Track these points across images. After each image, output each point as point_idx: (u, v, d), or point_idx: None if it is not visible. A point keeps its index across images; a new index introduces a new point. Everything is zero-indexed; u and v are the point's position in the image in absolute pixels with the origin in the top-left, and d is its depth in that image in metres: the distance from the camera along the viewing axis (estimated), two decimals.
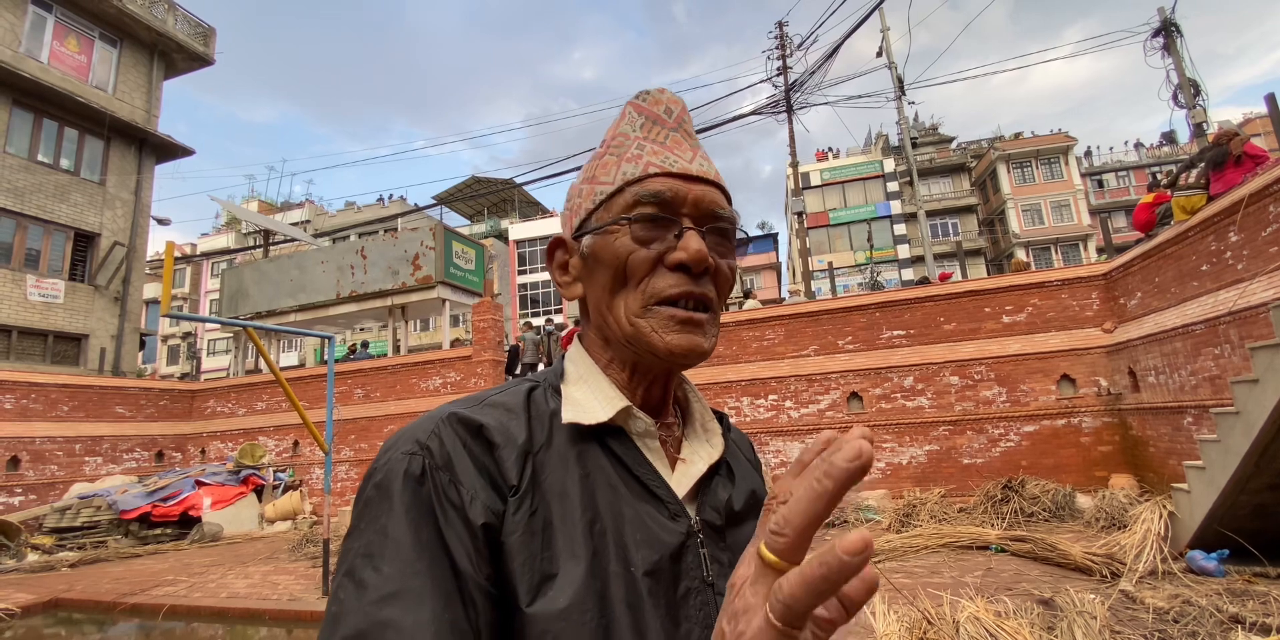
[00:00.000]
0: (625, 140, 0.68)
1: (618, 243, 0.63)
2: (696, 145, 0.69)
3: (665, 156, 0.65)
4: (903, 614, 4.30)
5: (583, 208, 0.68)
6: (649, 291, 0.62)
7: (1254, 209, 6.42)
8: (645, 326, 0.62)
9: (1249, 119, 30.79)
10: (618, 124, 0.70)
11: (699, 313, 0.63)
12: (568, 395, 0.65)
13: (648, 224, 0.63)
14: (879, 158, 35.72)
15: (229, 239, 42.17)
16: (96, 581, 7.97)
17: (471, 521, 0.53)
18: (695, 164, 0.66)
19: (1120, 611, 4.40)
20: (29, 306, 13.95)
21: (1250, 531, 5.38)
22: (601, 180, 0.67)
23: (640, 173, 0.64)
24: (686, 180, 0.64)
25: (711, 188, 0.66)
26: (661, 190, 0.63)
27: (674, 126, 0.68)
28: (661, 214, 0.63)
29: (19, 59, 13.94)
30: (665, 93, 0.70)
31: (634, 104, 0.70)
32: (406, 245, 14.41)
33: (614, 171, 0.66)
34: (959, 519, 7.94)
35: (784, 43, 18.72)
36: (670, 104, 0.70)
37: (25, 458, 11.85)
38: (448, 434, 0.57)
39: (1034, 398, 9.54)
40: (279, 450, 13.76)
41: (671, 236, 0.63)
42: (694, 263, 0.61)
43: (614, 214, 0.64)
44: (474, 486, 0.55)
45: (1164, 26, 12.64)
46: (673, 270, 0.62)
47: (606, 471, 0.60)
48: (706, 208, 0.65)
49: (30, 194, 14.20)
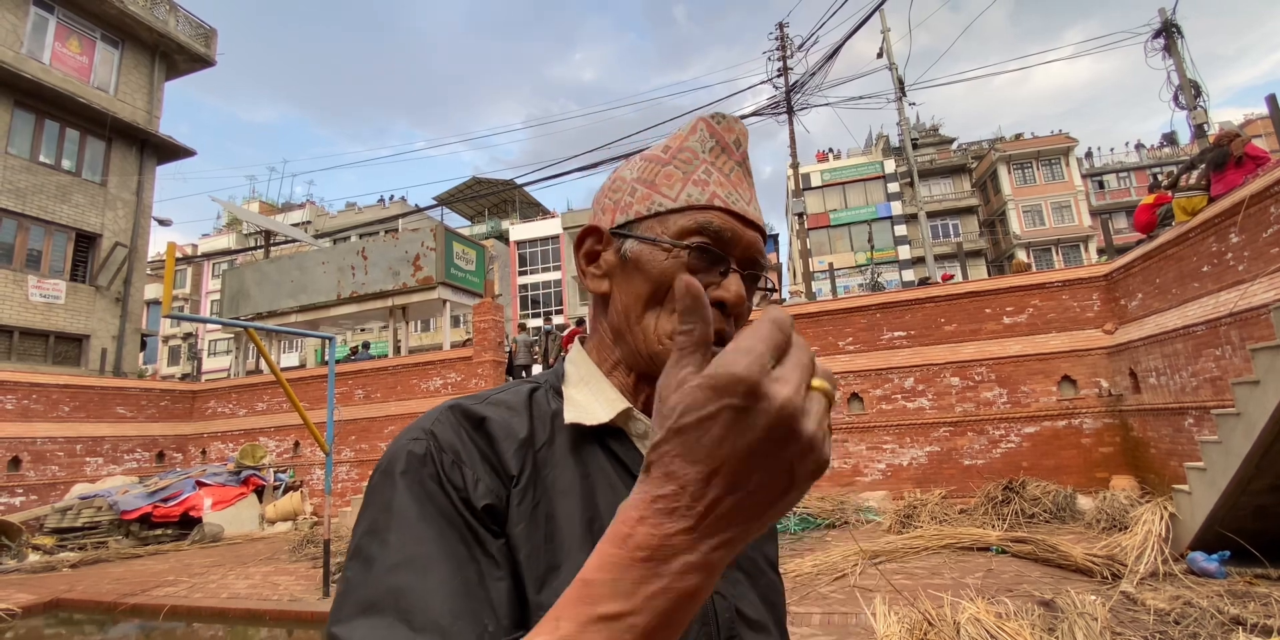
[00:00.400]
0: (693, 158, 0.67)
1: (668, 262, 0.64)
2: (753, 185, 0.71)
3: (730, 192, 0.66)
4: (903, 615, 4.30)
5: (634, 208, 0.67)
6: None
7: (1255, 210, 6.42)
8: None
9: (1250, 120, 30.79)
10: (686, 136, 0.69)
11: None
12: (569, 396, 0.65)
13: (704, 256, 0.64)
14: (879, 159, 35.72)
15: (230, 240, 42.20)
16: (97, 582, 7.98)
17: (474, 503, 0.54)
18: (753, 208, 0.68)
19: (1121, 613, 4.40)
20: (30, 307, 13.96)
21: (1251, 533, 5.37)
22: (663, 190, 0.67)
23: (706, 201, 0.65)
24: (743, 222, 0.66)
25: (759, 235, 0.68)
26: (723, 228, 0.65)
27: (740, 160, 0.69)
28: (716, 250, 0.65)
29: (21, 60, 13.97)
30: (739, 123, 0.71)
31: (708, 123, 0.70)
32: (407, 246, 14.41)
33: (678, 187, 0.66)
34: (960, 520, 7.93)
35: (784, 44, 18.73)
36: (740, 136, 0.70)
37: (26, 458, 11.86)
38: (451, 422, 0.59)
39: (1035, 399, 9.53)
40: (280, 451, 13.76)
41: (717, 272, 0.64)
42: (733, 305, 0.63)
43: (670, 231, 0.65)
44: (477, 469, 0.56)
45: (1165, 27, 12.64)
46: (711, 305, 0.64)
47: (606, 472, 0.61)
48: (752, 254, 0.67)
49: (32, 195, 14.22)
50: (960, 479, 9.58)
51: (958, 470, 9.68)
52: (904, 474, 9.94)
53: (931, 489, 9.48)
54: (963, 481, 9.52)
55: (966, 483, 9.44)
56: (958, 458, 9.73)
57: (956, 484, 9.54)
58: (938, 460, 9.83)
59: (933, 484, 9.64)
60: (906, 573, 6.02)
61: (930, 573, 5.96)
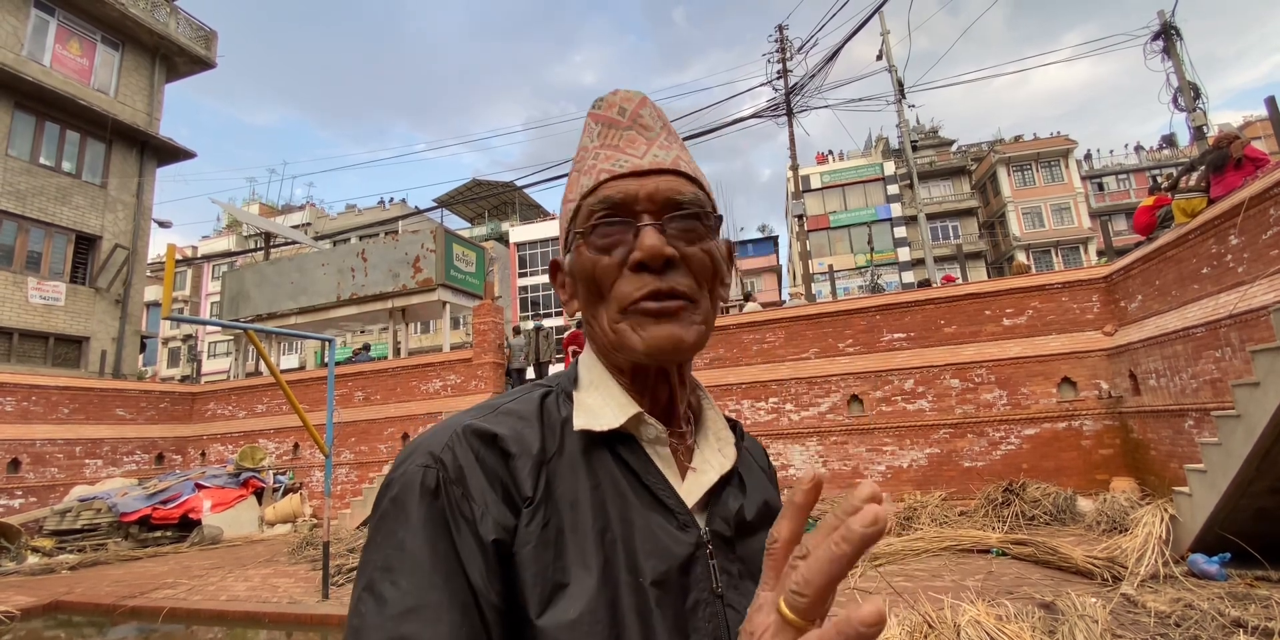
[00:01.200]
0: (585, 153, 0.68)
1: (583, 257, 0.63)
2: (654, 136, 0.67)
3: (616, 159, 0.64)
4: (904, 618, 4.29)
5: (563, 227, 0.69)
6: (619, 297, 0.62)
7: (1254, 212, 6.42)
8: (624, 329, 0.62)
9: (1249, 122, 30.83)
10: (582, 140, 0.70)
11: (670, 301, 0.61)
12: (580, 401, 0.65)
13: (603, 231, 0.62)
14: (879, 160, 35.75)
15: (230, 242, 42.21)
16: (96, 584, 7.97)
17: (482, 537, 0.54)
18: (648, 157, 0.64)
19: (1121, 615, 4.39)
20: (30, 309, 13.96)
21: (1252, 535, 5.36)
22: (569, 199, 0.68)
23: (593, 183, 0.64)
24: (638, 177, 0.63)
25: (669, 176, 0.64)
26: (611, 195, 0.62)
27: (628, 125, 0.67)
28: (613, 217, 0.62)
29: (21, 62, 13.98)
30: (619, 93, 0.69)
31: (591, 114, 0.70)
32: (407, 248, 14.42)
33: (575, 188, 0.67)
34: (960, 522, 7.93)
35: (784, 46, 18.76)
36: (624, 103, 0.68)
37: (26, 460, 11.85)
38: (461, 447, 0.57)
39: (1035, 400, 9.53)
40: (279, 453, 13.75)
41: (630, 238, 0.62)
42: (650, 259, 0.60)
43: (578, 230, 0.65)
44: (485, 501, 0.55)
45: (1164, 29, 12.65)
46: (636, 272, 0.61)
47: (617, 480, 0.60)
48: (663, 198, 0.63)
49: (32, 196, 14.22)
50: (960, 481, 9.57)
51: (958, 472, 9.67)
52: (904, 476, 9.93)
53: (931, 491, 9.48)
54: (963, 483, 9.51)
55: (966, 485, 9.43)
56: (958, 459, 9.73)
57: (956, 486, 9.53)
58: (938, 462, 9.82)
59: (933, 486, 9.64)
60: (906, 575, 6.02)
61: (930, 575, 5.96)
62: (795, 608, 0.36)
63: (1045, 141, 35.14)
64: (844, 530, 0.35)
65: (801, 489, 0.40)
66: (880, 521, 0.34)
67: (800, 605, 0.36)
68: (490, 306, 12.98)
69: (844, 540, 0.35)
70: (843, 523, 0.35)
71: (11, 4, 14.04)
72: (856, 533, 0.34)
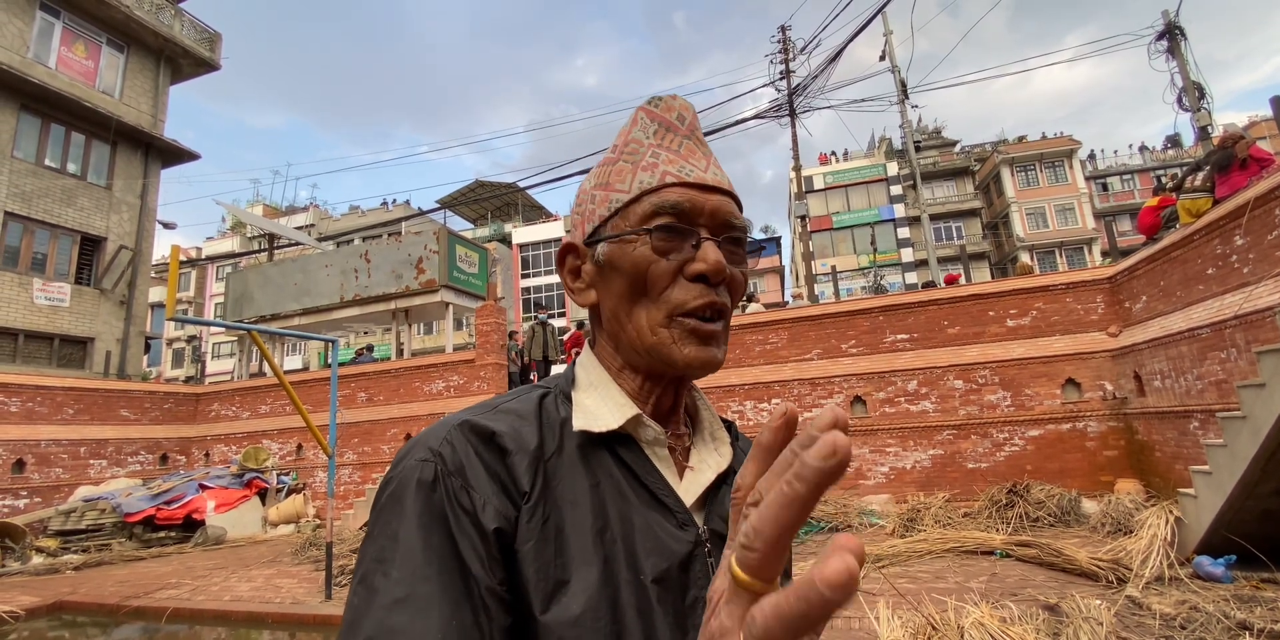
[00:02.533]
0: (639, 147, 0.68)
1: (636, 252, 0.63)
2: (709, 153, 0.69)
3: (681, 166, 0.65)
4: (907, 619, 4.28)
5: (597, 214, 0.68)
6: (671, 302, 0.63)
7: (1260, 212, 6.39)
8: (667, 337, 0.63)
9: (1254, 122, 30.73)
10: (630, 129, 0.70)
11: (715, 323, 0.63)
12: (578, 402, 0.65)
13: (667, 234, 0.63)
14: (882, 161, 35.70)
15: (234, 243, 42.33)
16: (100, 584, 7.99)
17: (484, 526, 0.53)
18: (710, 173, 0.66)
19: (1127, 617, 4.37)
20: (35, 310, 14.01)
21: (1258, 537, 5.34)
22: (617, 187, 0.67)
23: (657, 182, 0.64)
24: (702, 190, 0.65)
25: (725, 197, 0.66)
26: (680, 201, 0.63)
27: (687, 134, 0.68)
28: (680, 225, 0.63)
29: (27, 64, 14.05)
30: (677, 99, 0.70)
31: (646, 110, 0.70)
32: (410, 249, 14.44)
33: (630, 179, 0.66)
34: (963, 524, 7.90)
35: (786, 47, 18.75)
36: (683, 111, 0.69)
37: (31, 460, 11.89)
38: (460, 441, 0.58)
39: (1039, 402, 9.50)
40: (283, 453, 13.77)
41: (689, 247, 0.63)
42: (714, 274, 0.62)
43: (632, 223, 0.64)
44: (486, 492, 0.55)
45: (1168, 29, 12.62)
46: (692, 280, 0.63)
47: (616, 479, 0.60)
48: (722, 218, 0.65)
49: (37, 198, 14.29)
50: (964, 482, 9.54)
51: (961, 473, 9.64)
52: (907, 477, 9.91)
53: (935, 492, 9.45)
54: (966, 485, 9.48)
55: (970, 486, 9.40)
56: (961, 461, 9.70)
57: (960, 487, 9.51)
58: (941, 463, 9.79)
59: (936, 487, 9.61)
60: (910, 577, 6.00)
61: (934, 577, 5.94)
62: (745, 564, 0.30)
63: (1049, 142, 35.05)
64: (797, 466, 0.29)
65: (770, 427, 0.35)
66: (840, 452, 0.28)
67: (750, 561, 0.30)
68: (493, 307, 12.99)
69: (797, 478, 0.29)
70: (797, 457, 0.29)
71: (17, 6, 14.11)
72: (811, 467, 0.28)
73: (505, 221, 39.60)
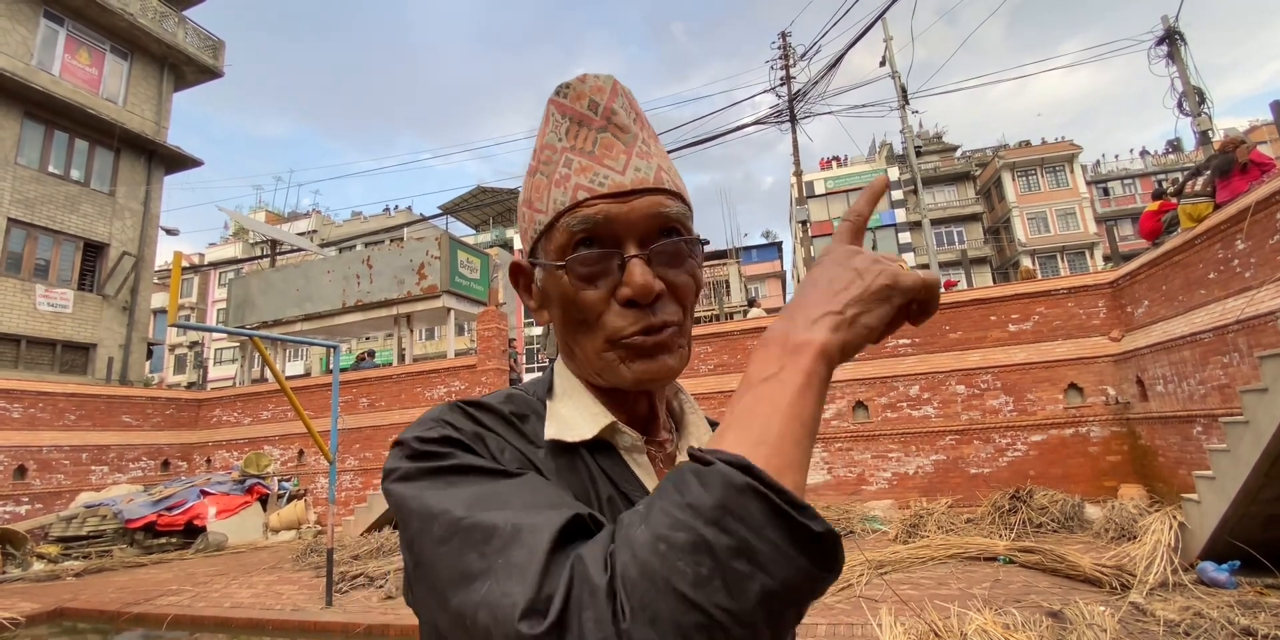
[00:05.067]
0: (553, 154, 0.62)
1: (564, 283, 0.60)
2: (630, 139, 0.61)
3: (594, 173, 0.59)
4: (910, 626, 4.26)
5: (528, 233, 0.65)
6: (608, 330, 0.59)
7: (1261, 217, 6.39)
8: (613, 359, 0.60)
9: (1255, 126, 30.75)
10: (543, 131, 0.64)
11: (658, 335, 0.59)
12: (553, 411, 0.63)
13: (587, 261, 0.58)
14: (883, 166, 35.75)
15: (236, 249, 42.46)
16: (101, 591, 7.98)
17: (506, 466, 0.52)
18: (629, 173, 0.59)
19: (1130, 624, 4.35)
20: (38, 316, 14.05)
21: (1262, 542, 5.31)
22: (537, 207, 0.62)
23: (569, 200, 0.59)
24: (621, 198, 0.58)
25: (652, 196, 0.60)
26: (593, 216, 0.58)
27: (601, 125, 0.61)
28: (598, 248, 0.59)
29: (31, 72, 14.13)
30: (588, 80, 0.62)
31: (555, 102, 0.63)
32: (412, 255, 14.47)
33: (545, 197, 0.61)
34: (966, 529, 7.87)
35: (787, 53, 18.82)
36: (594, 94, 0.62)
37: (32, 467, 11.89)
38: (460, 412, 0.58)
39: (1041, 407, 9.48)
40: (284, 459, 13.77)
41: (615, 267, 0.59)
42: (641, 297, 0.57)
43: (553, 249, 0.60)
44: (504, 438, 0.57)
45: (1168, 34, 12.65)
46: (625, 306, 0.59)
47: (595, 486, 0.59)
48: (648, 224, 0.59)
49: (41, 205, 14.35)
50: (967, 488, 9.51)
51: (964, 479, 9.61)
52: (910, 483, 9.88)
53: (938, 498, 9.41)
54: (969, 490, 9.45)
55: (973, 492, 9.37)
56: (964, 466, 9.67)
57: (963, 493, 9.47)
58: (944, 469, 9.76)
59: (939, 493, 9.57)
60: (913, 583, 5.97)
61: (937, 583, 5.91)
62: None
63: (1050, 147, 35.11)
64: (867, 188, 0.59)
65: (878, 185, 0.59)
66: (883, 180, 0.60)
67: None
68: (495, 313, 13.01)
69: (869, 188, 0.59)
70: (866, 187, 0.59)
71: (21, 14, 14.21)
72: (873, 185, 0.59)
73: (507, 227, 39.66)
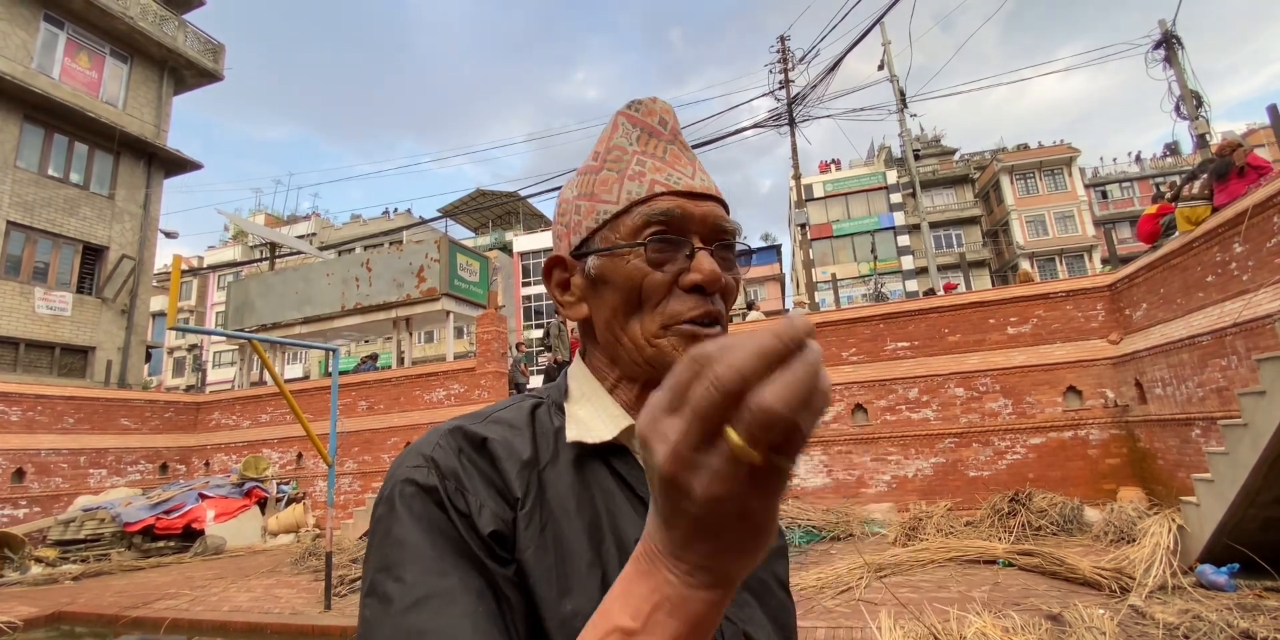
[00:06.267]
0: (623, 154, 0.66)
1: (630, 266, 0.62)
2: (694, 158, 0.68)
3: (669, 173, 0.64)
4: (909, 629, 4.26)
5: (583, 226, 0.66)
6: (667, 314, 0.62)
7: (1258, 220, 6.41)
8: (666, 346, 0.61)
9: (1252, 130, 30.85)
10: (610, 135, 0.69)
11: (713, 328, 0.62)
12: (571, 414, 0.64)
13: (661, 246, 0.62)
14: (882, 169, 35.83)
15: (235, 252, 42.47)
16: (99, 594, 7.96)
17: (479, 529, 0.53)
18: (698, 180, 0.65)
19: (1130, 627, 4.35)
20: (37, 319, 14.04)
21: (1261, 545, 5.32)
22: (603, 198, 0.65)
23: (646, 192, 0.63)
24: (692, 198, 0.64)
25: (714, 203, 0.65)
26: (671, 209, 0.63)
27: (670, 138, 0.67)
28: (673, 235, 0.63)
29: (31, 75, 14.15)
30: (658, 102, 0.69)
31: (626, 114, 0.69)
32: (411, 258, 14.48)
33: (616, 190, 0.65)
34: (966, 533, 7.87)
35: (786, 56, 18.87)
36: (664, 114, 0.68)
37: (30, 470, 11.87)
38: (451, 446, 0.57)
39: (1040, 409, 9.49)
40: (283, 462, 13.75)
41: (683, 257, 0.62)
42: (709, 284, 0.61)
43: (623, 235, 0.63)
44: (481, 496, 0.55)
45: (1165, 38, 12.70)
46: (688, 291, 0.62)
47: (611, 492, 0.59)
48: (713, 224, 0.64)
49: (40, 208, 14.35)
50: (966, 491, 9.51)
51: (963, 482, 9.61)
52: (909, 486, 9.88)
53: (937, 501, 9.41)
54: (968, 493, 9.45)
55: (972, 494, 9.37)
56: (963, 469, 9.67)
57: (962, 496, 9.47)
58: (943, 472, 9.76)
59: (938, 496, 9.57)
60: (912, 586, 5.97)
61: (936, 586, 5.91)
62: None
63: (1048, 150, 35.18)
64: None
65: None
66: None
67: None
68: (494, 316, 13.01)
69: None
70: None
71: (21, 17, 14.24)
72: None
73: (506, 230, 39.70)
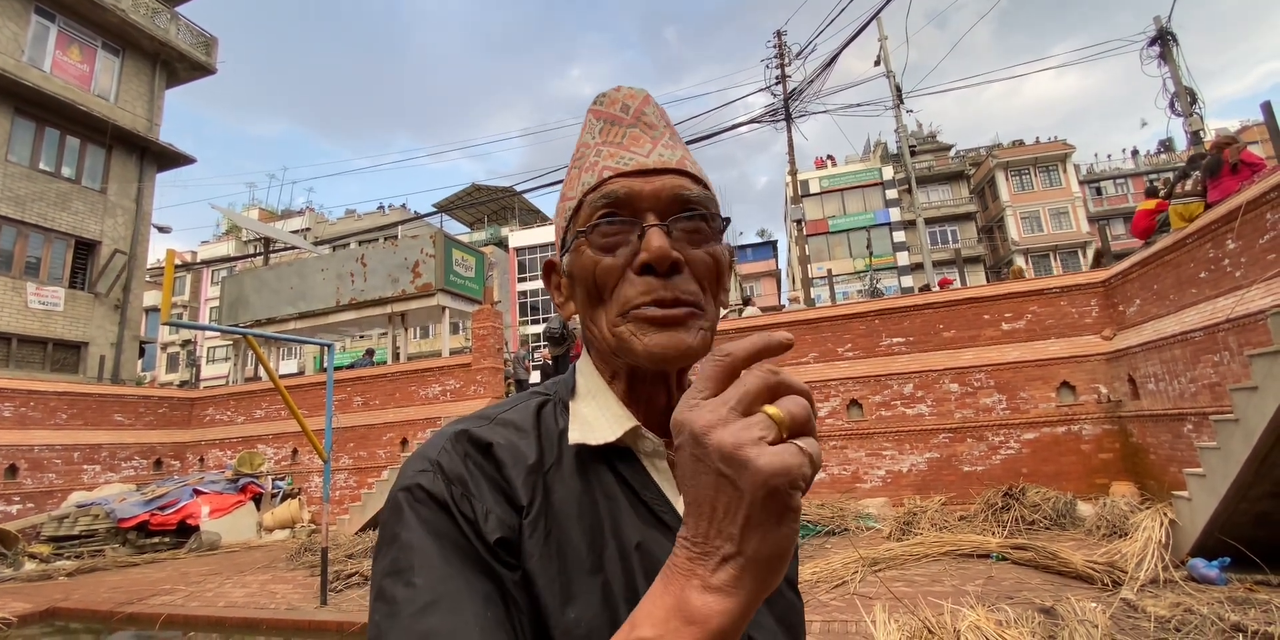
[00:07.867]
0: (585, 150, 0.66)
1: (585, 257, 0.61)
2: (658, 135, 0.65)
3: (620, 157, 0.62)
4: (903, 623, 4.28)
5: (560, 227, 0.67)
6: (621, 300, 0.60)
7: (1251, 216, 6.44)
8: (625, 332, 0.59)
9: (1245, 127, 30.96)
10: (581, 134, 0.69)
11: (676, 309, 0.58)
12: (576, 412, 0.63)
13: (605, 230, 0.60)
14: (878, 165, 35.83)
15: (229, 247, 42.24)
16: (94, 591, 7.93)
17: (486, 536, 0.52)
18: (654, 156, 0.62)
19: (1122, 620, 4.38)
20: (29, 314, 13.96)
21: (1252, 539, 5.36)
22: (568, 196, 0.65)
23: (595, 180, 0.62)
24: (643, 175, 0.61)
25: (675, 176, 0.62)
26: (614, 191, 0.60)
27: (631, 122, 0.65)
28: (618, 217, 0.60)
29: (22, 68, 14.02)
30: (622, 89, 0.68)
31: (592, 110, 0.68)
32: (406, 253, 14.43)
33: (576, 185, 0.64)
34: (960, 527, 7.90)
35: (782, 52, 18.84)
36: (627, 100, 0.67)
37: (23, 466, 11.82)
38: (458, 450, 0.57)
39: (1034, 405, 9.53)
40: (278, 458, 13.72)
41: (634, 238, 0.60)
42: (657, 261, 0.57)
43: (579, 228, 0.63)
44: (488, 501, 0.54)
45: (1160, 35, 12.72)
46: (641, 274, 0.59)
47: (614, 495, 0.59)
48: (669, 197, 0.61)
49: (31, 202, 14.24)
50: (960, 485, 9.56)
51: (957, 477, 9.66)
52: (903, 480, 9.92)
53: (931, 495, 9.46)
54: (962, 488, 9.50)
55: (966, 489, 9.42)
56: (957, 464, 9.72)
57: (956, 490, 9.52)
58: (937, 467, 9.81)
59: (932, 490, 9.63)
60: (906, 580, 6.00)
61: (930, 580, 5.94)
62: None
63: (1043, 146, 35.27)
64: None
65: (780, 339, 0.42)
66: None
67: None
68: (489, 311, 12.99)
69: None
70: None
71: (12, 10, 14.10)
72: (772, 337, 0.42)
73: (502, 225, 39.59)
